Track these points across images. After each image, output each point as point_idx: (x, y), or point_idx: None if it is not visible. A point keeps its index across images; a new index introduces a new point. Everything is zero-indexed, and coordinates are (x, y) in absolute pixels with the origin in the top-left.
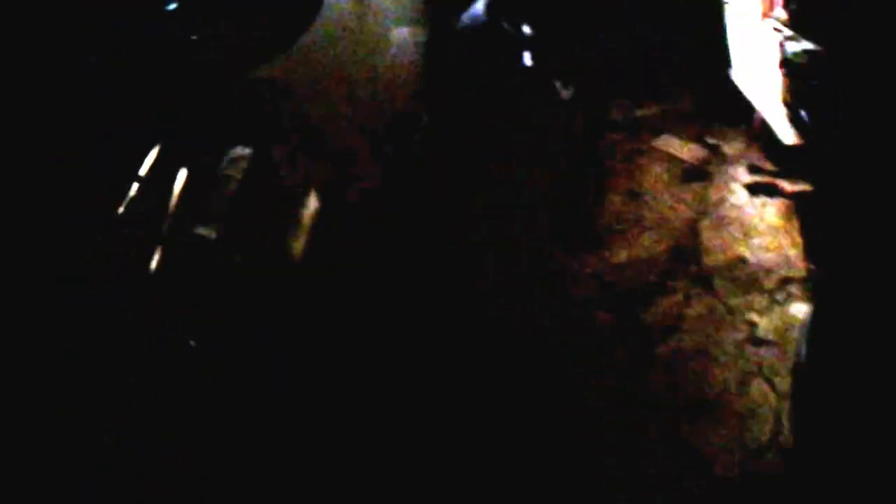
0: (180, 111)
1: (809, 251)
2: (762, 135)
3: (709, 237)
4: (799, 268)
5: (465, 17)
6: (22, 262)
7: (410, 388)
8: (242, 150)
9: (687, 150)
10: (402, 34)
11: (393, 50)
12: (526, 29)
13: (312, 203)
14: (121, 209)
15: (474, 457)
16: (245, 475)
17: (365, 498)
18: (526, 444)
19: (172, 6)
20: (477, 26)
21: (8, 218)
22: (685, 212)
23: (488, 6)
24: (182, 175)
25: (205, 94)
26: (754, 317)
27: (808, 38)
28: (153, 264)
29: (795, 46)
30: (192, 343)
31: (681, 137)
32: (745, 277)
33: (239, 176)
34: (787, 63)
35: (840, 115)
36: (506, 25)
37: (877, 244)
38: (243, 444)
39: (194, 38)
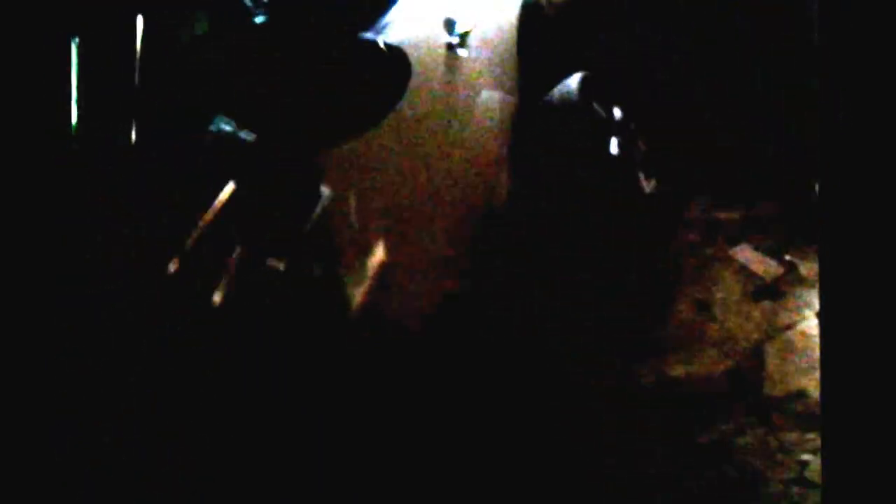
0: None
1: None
2: None
3: (772, 363)
4: None
5: (557, 92)
6: (22, 262)
7: (410, 387)
8: (325, 191)
9: (762, 265)
10: (490, 98)
11: (480, 113)
12: (617, 113)
13: (379, 254)
14: (194, 235)
15: (474, 456)
16: (245, 475)
17: (365, 498)
18: (526, 444)
19: (260, 19)
20: (567, 104)
21: (8, 218)
22: (752, 332)
23: (582, 84)
24: (260, 204)
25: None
26: (806, 456)
27: None
28: (219, 290)
29: None
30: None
31: (758, 249)
32: (804, 412)
33: (316, 216)
34: None
35: None
36: (596, 107)
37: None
38: (243, 444)
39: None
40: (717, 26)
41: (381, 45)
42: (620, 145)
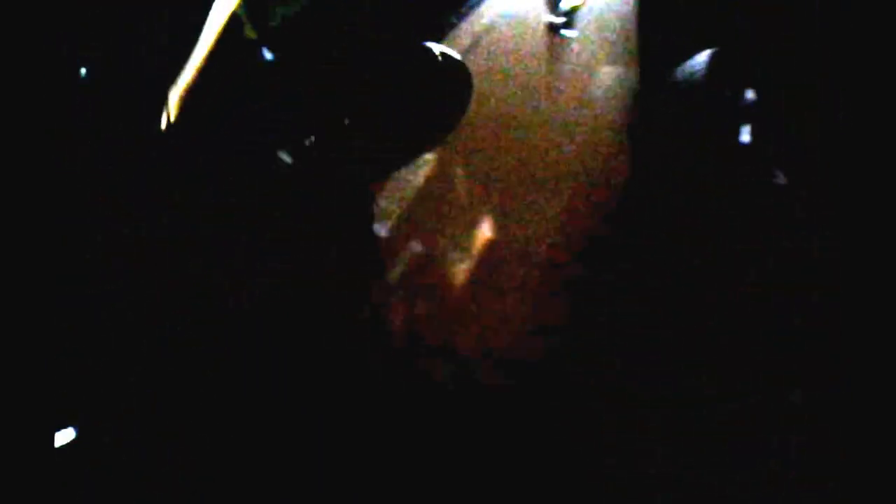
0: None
1: None
2: None
3: None
4: None
5: (683, 70)
6: (22, 262)
7: (408, 385)
8: (428, 155)
9: None
10: (609, 75)
11: (593, 94)
12: (750, 95)
13: (485, 233)
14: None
15: (474, 456)
16: (245, 475)
17: (364, 497)
18: (525, 443)
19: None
20: (694, 86)
21: (8, 218)
22: None
23: (711, 62)
24: (362, 170)
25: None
26: None
27: None
28: (328, 254)
29: None
30: None
31: None
32: None
33: (420, 181)
34: None
35: None
36: (727, 90)
37: None
38: (243, 444)
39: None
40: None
41: (437, 54)
42: (753, 133)
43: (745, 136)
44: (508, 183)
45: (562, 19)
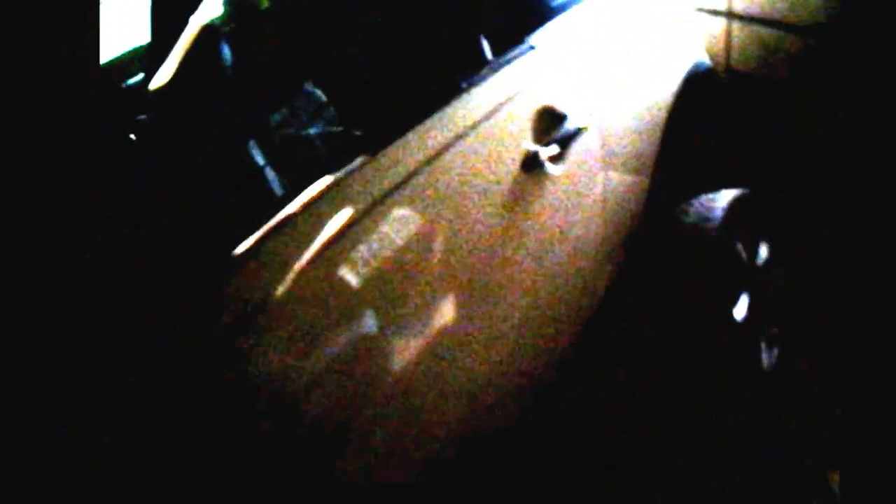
0: None
1: None
2: None
3: None
4: None
5: (696, 209)
6: (22, 262)
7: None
8: (410, 212)
9: None
10: (595, 207)
11: (582, 223)
12: (763, 252)
13: (451, 314)
14: None
15: (473, 456)
16: (245, 475)
17: (362, 496)
18: (525, 443)
19: None
20: (702, 234)
21: (8, 218)
22: None
23: (730, 210)
24: None
25: None
26: None
27: None
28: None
29: None
30: None
31: None
32: None
33: (398, 242)
34: None
35: None
36: (739, 245)
37: None
38: (244, 444)
39: None
40: None
41: None
42: (751, 302)
43: (742, 308)
44: (482, 276)
45: (552, 151)
